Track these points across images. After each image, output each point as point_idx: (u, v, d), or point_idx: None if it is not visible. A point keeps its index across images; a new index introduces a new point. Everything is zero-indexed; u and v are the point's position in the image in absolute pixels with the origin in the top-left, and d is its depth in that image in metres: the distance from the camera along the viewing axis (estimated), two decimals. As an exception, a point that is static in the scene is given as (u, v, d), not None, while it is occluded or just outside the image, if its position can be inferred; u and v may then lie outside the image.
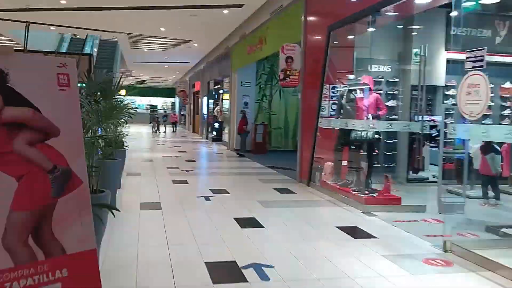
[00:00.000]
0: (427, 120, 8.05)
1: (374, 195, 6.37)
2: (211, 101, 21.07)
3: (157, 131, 25.55)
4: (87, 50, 21.39)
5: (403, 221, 5.49)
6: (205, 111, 21.98)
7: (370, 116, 6.59)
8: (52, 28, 13.79)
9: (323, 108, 8.15)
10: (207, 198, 6.72)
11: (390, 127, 6.36)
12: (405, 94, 8.72)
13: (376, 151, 7.59)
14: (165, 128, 26.78)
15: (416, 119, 8.19)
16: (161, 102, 45.55)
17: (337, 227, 5.13)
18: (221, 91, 19.77)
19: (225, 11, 10.86)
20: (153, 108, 40.50)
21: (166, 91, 41.77)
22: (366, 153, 6.74)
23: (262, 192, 7.47)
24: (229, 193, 7.20)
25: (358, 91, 7.20)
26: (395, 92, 8.72)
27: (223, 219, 5.44)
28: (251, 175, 9.41)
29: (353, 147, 7.09)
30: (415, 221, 5.56)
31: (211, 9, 10.62)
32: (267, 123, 15.36)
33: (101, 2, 10.24)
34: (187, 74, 29.02)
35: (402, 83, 8.76)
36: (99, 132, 4.44)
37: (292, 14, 9.26)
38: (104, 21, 12.75)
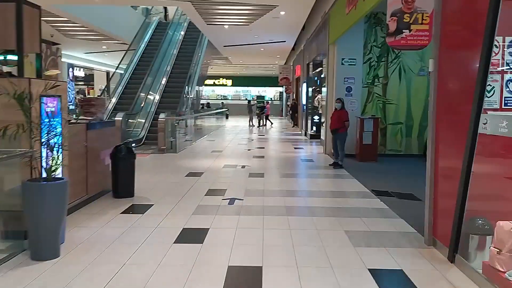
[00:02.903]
0: None
1: None
2: (311, 88, 16.89)
3: (253, 125, 22.43)
4: (170, 33, 18.90)
5: None
6: (304, 101, 17.88)
7: None
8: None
9: (490, 91, 3.64)
10: (192, 315, 2.79)
11: None
12: None
13: None
14: (264, 121, 23.20)
15: None
16: (272, 93, 42.54)
17: None
18: (323, 75, 15.48)
19: None
20: (260, 99, 37.43)
21: (274, 80, 38.37)
22: None
23: (338, 285, 3.26)
24: (258, 290, 3.16)
25: None
26: None
27: None
28: (336, 217, 5.17)
29: None
30: None
31: None
32: (380, 116, 10.74)
33: None
34: (290, 59, 25.12)
35: None
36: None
37: None
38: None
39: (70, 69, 23.86)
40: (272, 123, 23.42)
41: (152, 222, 4.81)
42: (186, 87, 15.67)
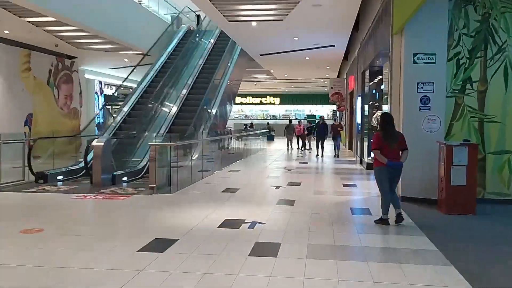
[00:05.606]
0: None
1: None
2: (367, 105, 13.13)
3: (293, 148, 19.40)
4: (197, 42, 16.15)
5: None
6: (359, 120, 14.11)
7: None
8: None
9: None
10: None
11: None
12: None
13: None
14: (307, 144, 19.72)
15: None
16: (326, 111, 38.74)
17: None
18: (383, 86, 11.78)
19: None
20: (310, 118, 33.79)
21: (327, 97, 34.57)
22: None
23: None
24: None
25: None
26: None
27: None
28: None
29: None
30: None
31: None
32: (476, 142, 6.90)
33: None
34: (343, 71, 21.45)
35: None
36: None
37: None
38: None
39: (97, 86, 21.81)
40: (310, 149, 19.72)
41: None
42: (205, 105, 12.55)
